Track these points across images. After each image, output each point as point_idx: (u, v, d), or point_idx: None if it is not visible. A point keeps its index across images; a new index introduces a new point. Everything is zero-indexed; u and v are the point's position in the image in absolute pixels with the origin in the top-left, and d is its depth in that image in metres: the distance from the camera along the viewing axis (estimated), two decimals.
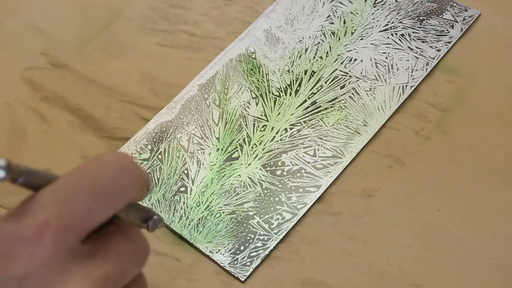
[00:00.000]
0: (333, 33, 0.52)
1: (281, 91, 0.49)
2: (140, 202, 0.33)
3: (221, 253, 0.42)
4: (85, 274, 0.26)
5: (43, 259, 0.25)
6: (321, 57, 0.51)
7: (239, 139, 0.47)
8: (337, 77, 0.50)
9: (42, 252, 0.25)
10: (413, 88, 0.49)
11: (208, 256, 0.42)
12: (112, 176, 0.27)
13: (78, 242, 0.26)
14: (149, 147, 0.47)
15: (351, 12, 0.53)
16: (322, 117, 0.48)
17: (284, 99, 0.49)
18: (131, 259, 0.28)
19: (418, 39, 0.51)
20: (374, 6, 0.54)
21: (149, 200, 0.44)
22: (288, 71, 0.50)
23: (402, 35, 0.52)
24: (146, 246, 0.29)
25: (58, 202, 0.25)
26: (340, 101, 0.48)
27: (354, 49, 0.51)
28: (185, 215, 0.44)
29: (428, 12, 0.53)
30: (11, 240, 0.25)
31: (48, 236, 0.25)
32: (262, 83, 0.50)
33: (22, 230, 0.25)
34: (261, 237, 0.42)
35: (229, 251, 0.42)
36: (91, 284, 0.26)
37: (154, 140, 0.47)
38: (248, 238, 0.42)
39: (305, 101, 0.49)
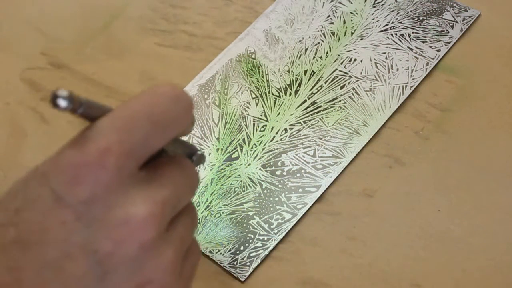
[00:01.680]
0: (333, 33, 0.52)
1: (281, 91, 0.49)
2: None
3: (220, 253, 0.42)
4: (146, 197, 0.27)
5: (107, 183, 0.26)
6: (321, 57, 0.51)
7: (239, 139, 0.47)
8: (337, 77, 0.50)
9: (106, 176, 0.26)
10: (413, 88, 0.49)
11: (208, 256, 0.42)
12: (167, 104, 0.28)
13: (137, 169, 0.27)
14: None
15: (351, 12, 0.53)
16: (322, 117, 0.48)
17: (284, 99, 0.49)
18: (184, 187, 0.30)
19: (418, 39, 0.51)
20: (374, 6, 0.54)
21: None
22: (288, 71, 0.50)
23: (402, 35, 0.52)
24: (197, 175, 0.31)
25: (117, 130, 0.27)
26: (340, 101, 0.48)
27: (354, 49, 0.51)
28: None
29: (428, 12, 0.53)
30: (76, 165, 0.26)
31: (110, 161, 0.26)
32: (262, 83, 0.50)
33: (86, 156, 0.26)
34: (261, 237, 0.42)
35: (228, 251, 0.42)
36: (152, 206, 0.27)
37: None
38: (248, 238, 0.42)
39: (305, 101, 0.49)
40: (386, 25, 0.52)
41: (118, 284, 0.27)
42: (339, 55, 0.51)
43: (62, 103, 0.25)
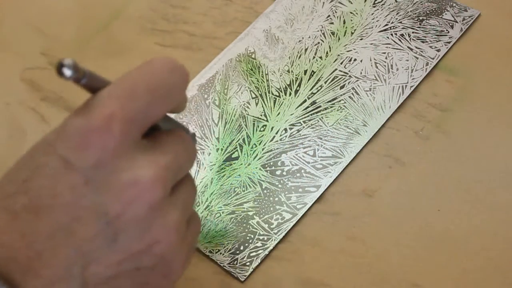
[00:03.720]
0: (332, 33, 0.52)
1: (281, 91, 0.49)
2: None
3: (220, 253, 0.42)
4: (151, 161, 0.28)
5: (113, 147, 0.27)
6: (320, 57, 0.51)
7: (239, 139, 0.47)
8: (337, 77, 0.50)
9: (112, 140, 0.27)
10: (412, 88, 0.49)
11: (207, 256, 0.42)
12: (164, 74, 0.29)
13: (139, 136, 0.29)
14: None
15: (351, 12, 0.53)
16: (322, 117, 0.48)
17: (283, 99, 0.49)
18: (184, 155, 0.31)
19: (418, 39, 0.51)
20: (374, 6, 0.54)
21: None
22: (288, 71, 0.50)
23: (402, 35, 0.52)
24: (194, 147, 0.33)
25: (120, 98, 0.28)
26: (339, 101, 0.48)
27: (354, 49, 0.51)
28: None
29: (427, 12, 0.53)
30: (83, 131, 0.27)
31: (115, 126, 0.27)
32: (261, 83, 0.50)
33: (92, 122, 0.27)
34: (261, 237, 0.42)
35: (228, 251, 0.42)
36: (157, 170, 0.28)
37: None
38: (247, 238, 0.42)
39: (305, 101, 0.49)
40: (386, 25, 0.52)
41: (128, 245, 0.28)
42: (339, 55, 0.51)
43: (67, 72, 0.26)
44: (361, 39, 0.52)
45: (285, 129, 0.47)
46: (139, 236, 0.28)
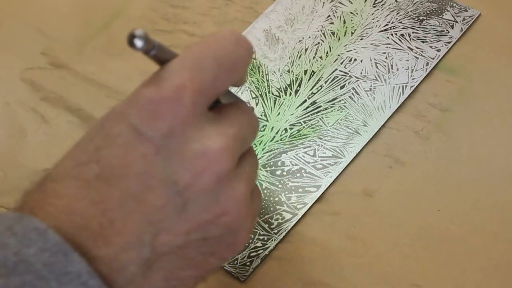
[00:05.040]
0: (333, 33, 0.52)
1: (281, 91, 0.49)
2: None
3: None
4: (219, 133, 0.29)
5: (184, 117, 0.28)
6: (321, 57, 0.51)
7: None
8: (337, 77, 0.50)
9: (182, 110, 0.27)
10: (413, 88, 0.49)
11: None
12: (231, 46, 0.30)
13: (207, 108, 0.29)
14: None
15: (351, 12, 0.53)
16: (322, 117, 0.48)
17: (284, 99, 0.49)
18: (248, 127, 0.31)
19: (418, 39, 0.51)
20: (374, 6, 0.54)
21: None
22: (288, 71, 0.50)
23: (402, 35, 0.52)
24: (257, 118, 0.33)
25: (189, 69, 0.28)
26: (340, 101, 0.48)
27: (354, 49, 0.51)
28: None
29: (428, 12, 0.53)
30: (155, 101, 0.27)
31: (186, 96, 0.27)
32: (262, 83, 0.50)
33: (163, 92, 0.27)
34: (261, 237, 0.42)
35: None
36: (226, 140, 0.29)
37: None
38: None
39: (305, 101, 0.49)
40: (386, 25, 0.52)
41: (197, 214, 0.29)
42: (339, 55, 0.51)
43: (139, 43, 0.26)
44: (361, 39, 0.52)
45: (285, 129, 0.47)
46: (208, 207, 0.29)
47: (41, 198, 0.28)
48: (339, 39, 0.52)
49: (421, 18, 0.53)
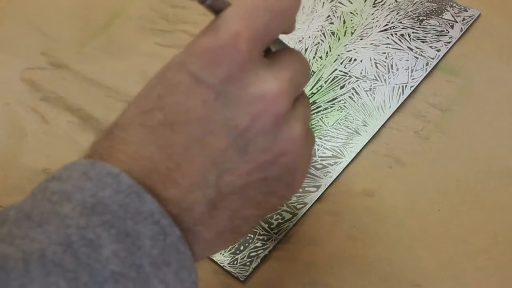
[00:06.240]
0: (332, 33, 0.52)
1: None
2: None
3: (220, 253, 0.42)
4: (274, 77, 0.30)
5: (241, 63, 0.29)
6: (320, 57, 0.51)
7: None
8: (337, 77, 0.50)
9: (239, 56, 0.29)
10: (412, 88, 0.49)
11: (207, 256, 0.42)
12: None
13: (261, 54, 0.31)
14: None
15: (351, 12, 0.53)
16: (322, 117, 0.48)
17: None
18: (301, 71, 0.33)
19: (418, 39, 0.51)
20: (374, 6, 0.54)
21: None
22: None
23: (402, 35, 0.52)
24: (308, 63, 0.34)
25: (243, 18, 0.29)
26: (340, 101, 0.48)
27: (354, 49, 0.51)
28: None
29: (427, 12, 0.53)
30: (212, 49, 0.29)
31: (242, 43, 0.29)
32: None
33: (220, 40, 0.29)
34: (261, 237, 0.42)
35: (228, 251, 0.42)
36: (281, 83, 0.30)
37: None
38: (247, 238, 0.42)
39: None
40: (386, 25, 0.52)
41: (257, 155, 0.30)
42: (339, 55, 0.51)
43: None
44: (361, 39, 0.52)
45: None
46: (267, 147, 0.30)
47: (110, 145, 0.30)
48: (339, 39, 0.52)
49: (421, 18, 0.53)
